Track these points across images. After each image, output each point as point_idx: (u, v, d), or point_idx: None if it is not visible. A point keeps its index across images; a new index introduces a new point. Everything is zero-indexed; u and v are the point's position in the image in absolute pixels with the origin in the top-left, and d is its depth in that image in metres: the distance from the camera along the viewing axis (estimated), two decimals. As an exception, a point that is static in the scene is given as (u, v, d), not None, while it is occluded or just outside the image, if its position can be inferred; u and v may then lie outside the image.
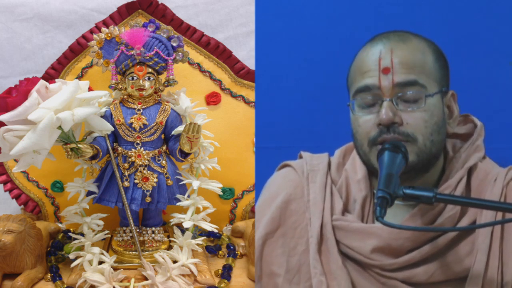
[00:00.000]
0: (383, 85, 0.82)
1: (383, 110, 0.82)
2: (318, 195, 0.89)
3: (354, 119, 0.86)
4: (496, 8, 1.03)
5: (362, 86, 0.83)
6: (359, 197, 0.88)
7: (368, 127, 0.84)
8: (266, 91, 1.09)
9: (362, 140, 0.85)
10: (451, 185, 0.85)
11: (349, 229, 0.86)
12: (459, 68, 0.90)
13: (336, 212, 0.88)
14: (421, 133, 0.82)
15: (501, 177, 0.86)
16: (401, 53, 0.83)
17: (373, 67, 0.83)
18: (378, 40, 0.85)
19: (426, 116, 0.82)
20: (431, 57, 0.84)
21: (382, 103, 0.82)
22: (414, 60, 0.83)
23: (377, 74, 0.82)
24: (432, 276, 0.83)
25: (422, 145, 0.82)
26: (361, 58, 0.86)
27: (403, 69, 0.82)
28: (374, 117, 0.83)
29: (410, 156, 0.82)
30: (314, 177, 0.91)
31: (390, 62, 0.82)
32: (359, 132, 0.85)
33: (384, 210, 0.75)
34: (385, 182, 0.77)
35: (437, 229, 0.83)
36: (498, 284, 0.81)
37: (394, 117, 0.81)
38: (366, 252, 0.85)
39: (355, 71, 0.86)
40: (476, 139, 0.88)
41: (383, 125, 0.82)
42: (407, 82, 0.82)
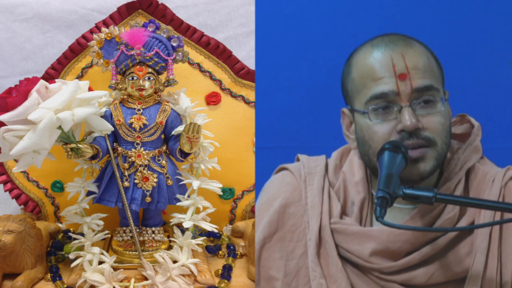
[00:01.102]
0: (401, 91, 0.81)
1: (406, 117, 0.80)
2: (316, 198, 0.89)
3: (366, 126, 0.84)
4: (495, 8, 1.03)
5: (379, 93, 0.82)
6: (357, 200, 0.88)
7: (386, 133, 0.82)
8: (266, 91, 1.09)
9: (378, 147, 0.83)
10: (450, 187, 0.85)
11: (347, 233, 0.86)
12: (458, 68, 0.90)
13: (334, 215, 0.88)
14: (440, 137, 0.82)
15: (499, 177, 0.85)
16: (412, 58, 0.82)
17: (387, 74, 0.82)
18: (382, 45, 0.84)
19: (442, 119, 0.82)
20: (433, 60, 0.85)
21: (400, 109, 0.81)
22: (425, 64, 0.82)
23: (393, 80, 0.81)
24: (431, 278, 0.83)
25: (440, 148, 0.82)
26: (369, 63, 0.84)
27: (418, 74, 0.81)
28: (393, 124, 0.82)
29: (430, 161, 0.81)
30: (312, 180, 0.90)
31: (405, 67, 0.81)
32: (374, 139, 0.83)
33: (384, 210, 0.74)
34: (385, 182, 0.76)
35: (437, 229, 0.83)
36: (497, 284, 0.81)
37: (417, 123, 0.81)
38: (364, 256, 0.84)
39: (363, 77, 0.84)
40: (474, 139, 0.88)
41: (407, 131, 0.81)
42: (424, 88, 0.81)
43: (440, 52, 0.86)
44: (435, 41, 0.88)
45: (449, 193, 0.85)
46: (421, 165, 0.82)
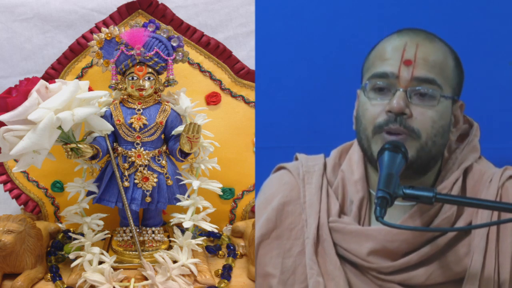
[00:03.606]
0: (401, 75, 0.82)
1: (395, 99, 0.82)
2: (314, 196, 0.89)
3: (363, 102, 0.86)
4: (496, 8, 1.03)
5: (381, 72, 0.84)
6: (356, 199, 0.88)
7: (376, 112, 0.84)
8: (266, 91, 1.09)
9: (367, 124, 0.85)
10: (447, 186, 0.85)
11: (346, 232, 0.86)
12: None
13: (333, 213, 0.88)
14: (426, 131, 0.82)
15: (496, 177, 0.86)
16: (425, 49, 0.83)
17: (395, 56, 0.83)
18: (405, 33, 0.86)
19: (436, 116, 0.82)
20: (452, 62, 0.85)
21: (395, 92, 0.82)
22: (437, 60, 0.83)
23: (398, 63, 0.83)
24: (429, 278, 0.83)
25: (424, 143, 0.82)
26: (384, 46, 0.86)
27: (424, 65, 0.82)
28: (385, 104, 0.83)
29: (410, 151, 0.82)
30: (310, 179, 0.91)
31: (413, 55, 0.83)
32: (365, 116, 0.85)
33: (384, 210, 0.75)
34: (385, 182, 0.77)
35: (435, 229, 0.83)
36: (495, 283, 0.81)
37: (405, 107, 0.82)
38: (362, 255, 0.85)
39: (375, 57, 0.86)
40: (472, 139, 0.88)
41: (393, 112, 0.82)
42: (425, 79, 0.82)
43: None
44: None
45: (446, 192, 0.85)
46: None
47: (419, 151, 0.83)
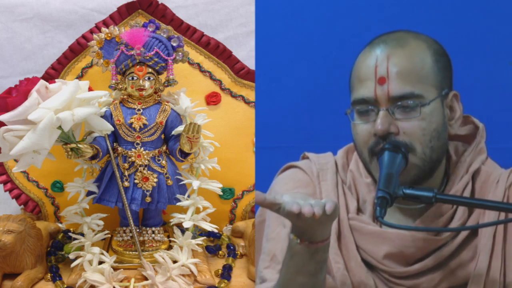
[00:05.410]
0: (378, 96, 0.81)
1: (378, 121, 0.81)
2: (331, 193, 0.88)
3: (352, 126, 0.85)
4: (496, 8, 1.03)
5: (359, 98, 0.82)
6: (369, 198, 0.87)
7: (365, 136, 0.83)
8: (266, 91, 1.10)
9: (361, 148, 0.84)
10: (459, 190, 0.85)
11: (364, 232, 0.85)
12: (459, 68, 0.90)
13: (351, 210, 0.87)
14: (419, 142, 0.81)
15: (504, 178, 0.85)
16: (397, 60, 0.81)
17: (370, 76, 0.82)
18: (376, 44, 0.84)
19: (424, 124, 0.81)
20: (430, 59, 0.83)
21: (378, 112, 0.81)
22: (411, 67, 0.81)
23: (373, 85, 0.81)
24: (437, 284, 0.83)
25: (422, 153, 0.81)
26: (360, 64, 0.84)
27: (398, 80, 0.81)
28: (371, 126, 0.82)
29: (412, 165, 0.81)
30: (325, 176, 0.90)
31: (386, 70, 0.81)
32: (357, 140, 0.84)
33: (384, 210, 0.74)
34: (385, 182, 0.76)
35: (437, 229, 0.83)
36: (500, 284, 0.81)
37: (389, 127, 0.80)
38: (378, 257, 0.84)
39: (353, 77, 0.85)
40: (479, 141, 0.87)
41: (379, 135, 0.81)
42: (402, 96, 0.80)
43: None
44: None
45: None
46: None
47: (419, 161, 0.82)
